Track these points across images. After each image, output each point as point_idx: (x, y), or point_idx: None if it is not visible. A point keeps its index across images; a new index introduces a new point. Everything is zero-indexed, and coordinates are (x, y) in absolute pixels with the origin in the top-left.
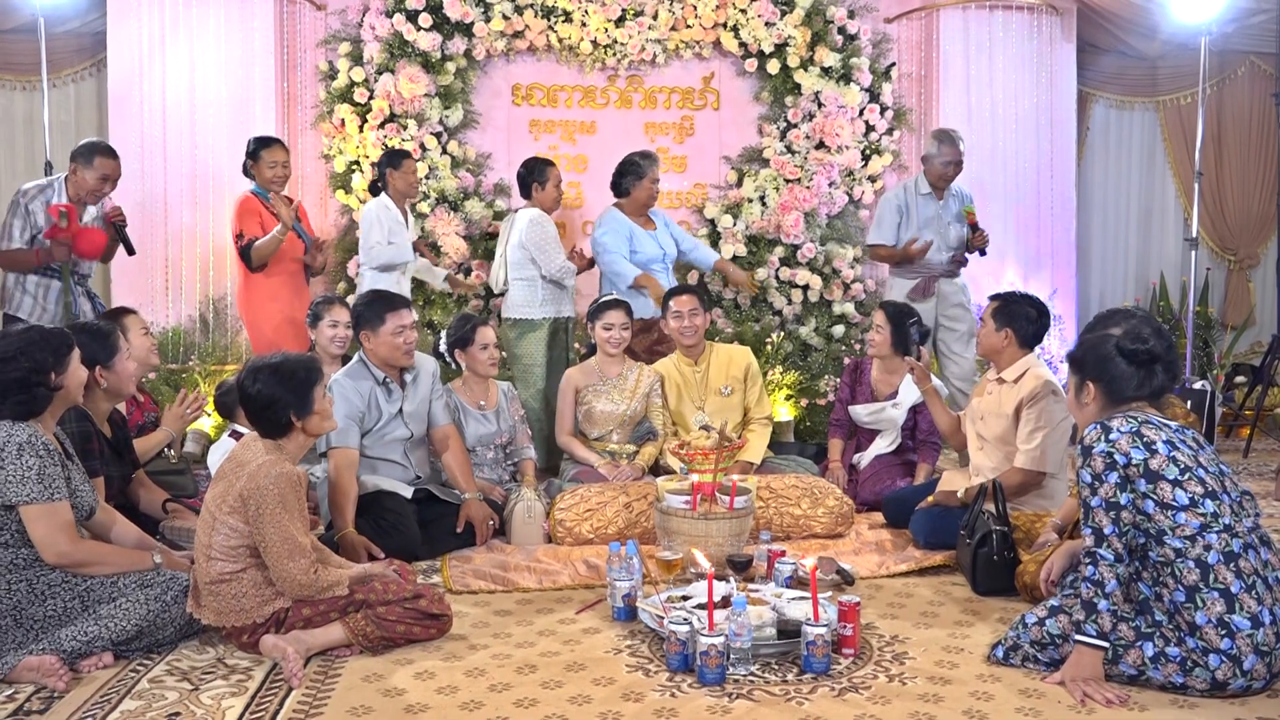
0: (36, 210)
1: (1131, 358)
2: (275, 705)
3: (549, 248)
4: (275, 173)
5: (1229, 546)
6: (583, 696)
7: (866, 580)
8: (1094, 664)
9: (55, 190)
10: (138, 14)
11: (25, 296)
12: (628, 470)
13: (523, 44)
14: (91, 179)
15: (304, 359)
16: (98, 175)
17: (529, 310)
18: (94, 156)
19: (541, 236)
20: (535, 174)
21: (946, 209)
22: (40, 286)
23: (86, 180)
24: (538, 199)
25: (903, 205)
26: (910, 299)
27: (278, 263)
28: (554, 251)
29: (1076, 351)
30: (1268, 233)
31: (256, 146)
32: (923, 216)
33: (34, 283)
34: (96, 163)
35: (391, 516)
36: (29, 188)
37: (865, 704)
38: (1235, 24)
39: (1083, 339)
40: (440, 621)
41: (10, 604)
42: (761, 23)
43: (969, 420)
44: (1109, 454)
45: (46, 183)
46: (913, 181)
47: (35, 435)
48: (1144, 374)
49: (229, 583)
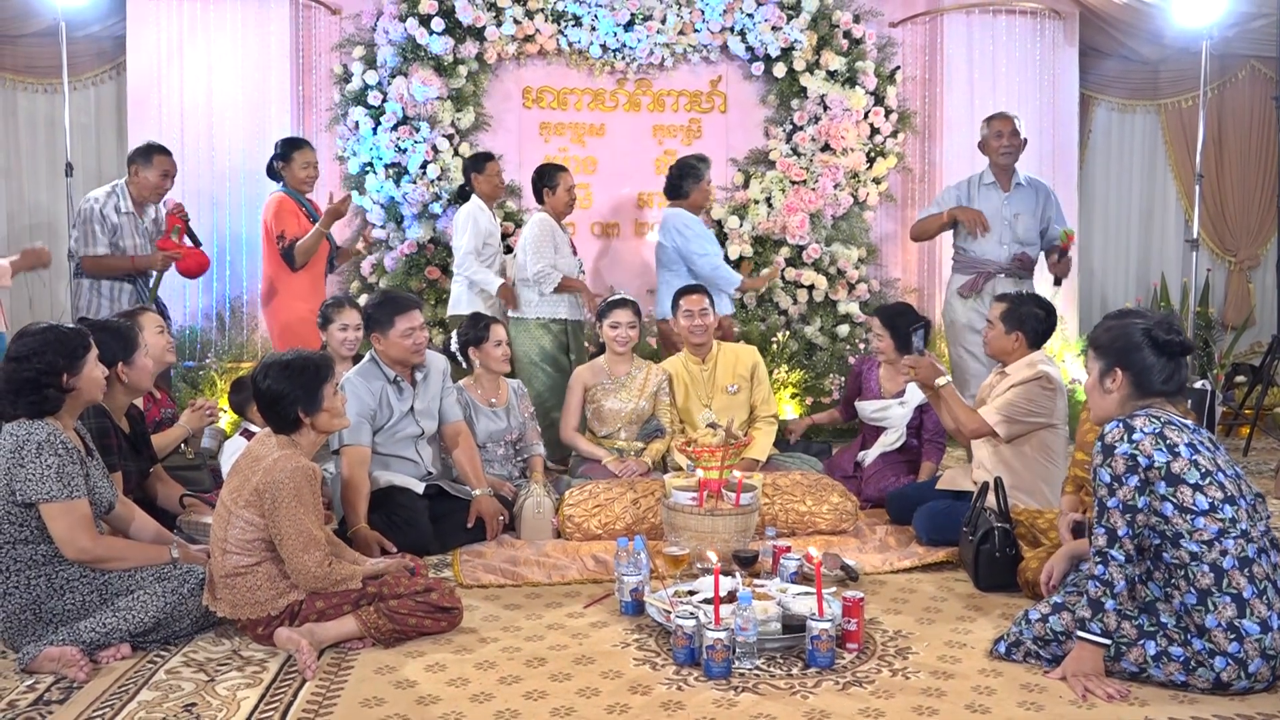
0: (110, 214)
1: (1164, 348)
2: (289, 696)
3: (536, 249)
4: (307, 173)
5: (1244, 551)
6: (591, 689)
7: (870, 576)
8: (1095, 660)
9: (119, 194)
10: (156, 18)
11: (102, 300)
12: (635, 466)
13: (533, 48)
14: (153, 177)
15: (316, 356)
16: (159, 173)
17: (525, 309)
18: (152, 155)
19: (534, 237)
20: (546, 179)
21: (1012, 201)
22: (116, 290)
23: (149, 179)
24: (549, 203)
25: (963, 195)
26: (960, 294)
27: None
28: (537, 255)
29: (1102, 336)
30: (1268, 234)
31: (288, 148)
32: (985, 207)
33: (109, 287)
34: (156, 161)
35: (403, 512)
36: (96, 195)
37: (869, 698)
38: (1236, 28)
39: (1108, 324)
40: (451, 615)
41: (30, 598)
42: (768, 27)
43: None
44: (1132, 456)
45: (110, 188)
46: (978, 174)
47: (54, 434)
48: (1173, 366)
49: (244, 576)
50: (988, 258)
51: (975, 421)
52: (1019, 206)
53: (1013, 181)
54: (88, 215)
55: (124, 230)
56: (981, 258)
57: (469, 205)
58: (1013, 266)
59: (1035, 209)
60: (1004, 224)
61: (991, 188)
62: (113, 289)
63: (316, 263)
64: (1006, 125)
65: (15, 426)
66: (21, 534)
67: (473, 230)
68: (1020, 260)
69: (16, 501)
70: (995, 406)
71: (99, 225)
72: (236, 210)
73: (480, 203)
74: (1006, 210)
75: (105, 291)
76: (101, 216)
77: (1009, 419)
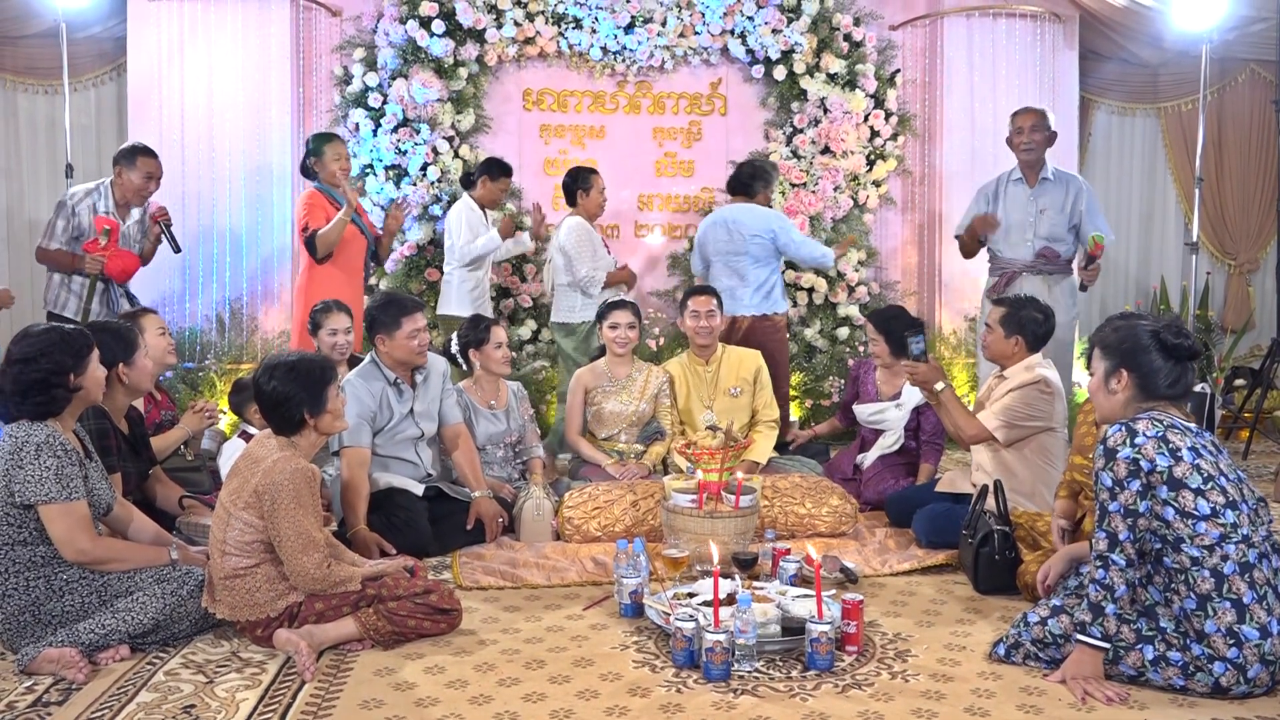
0: (82, 213)
1: (1171, 351)
2: (289, 698)
3: (580, 254)
4: (339, 165)
5: (1245, 557)
6: (590, 691)
7: (870, 578)
8: (1094, 663)
9: (102, 194)
10: (157, 20)
11: (71, 296)
12: (635, 469)
13: (534, 50)
14: (137, 179)
15: (319, 359)
16: (142, 175)
17: (569, 314)
18: (136, 157)
19: (576, 243)
20: (580, 181)
21: (1038, 197)
22: (84, 286)
23: (132, 181)
24: (582, 205)
25: (990, 193)
26: (988, 296)
27: (343, 255)
28: (581, 259)
29: (1109, 337)
30: (1267, 237)
31: (319, 143)
32: (1011, 205)
33: (79, 283)
34: (139, 163)
35: (403, 514)
36: (76, 191)
37: (868, 700)
38: (1236, 31)
39: (1115, 325)
40: (450, 617)
41: (29, 600)
42: (768, 29)
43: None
44: (1134, 460)
45: (93, 186)
46: (1008, 170)
47: (53, 435)
48: (1179, 370)
49: (243, 577)
50: (1012, 257)
51: (975, 427)
52: (1045, 202)
53: (1039, 177)
54: (58, 208)
55: (88, 233)
56: (1007, 257)
57: (461, 203)
58: (1037, 264)
59: (1063, 204)
60: (1028, 221)
61: (1018, 184)
62: (83, 285)
63: (352, 257)
64: (1026, 120)
65: (15, 428)
66: (20, 535)
67: (467, 225)
68: (1045, 256)
69: (15, 503)
70: (994, 411)
71: (63, 220)
72: (236, 212)
73: (471, 203)
74: (1031, 207)
75: (75, 288)
76: (73, 212)
77: (1008, 424)
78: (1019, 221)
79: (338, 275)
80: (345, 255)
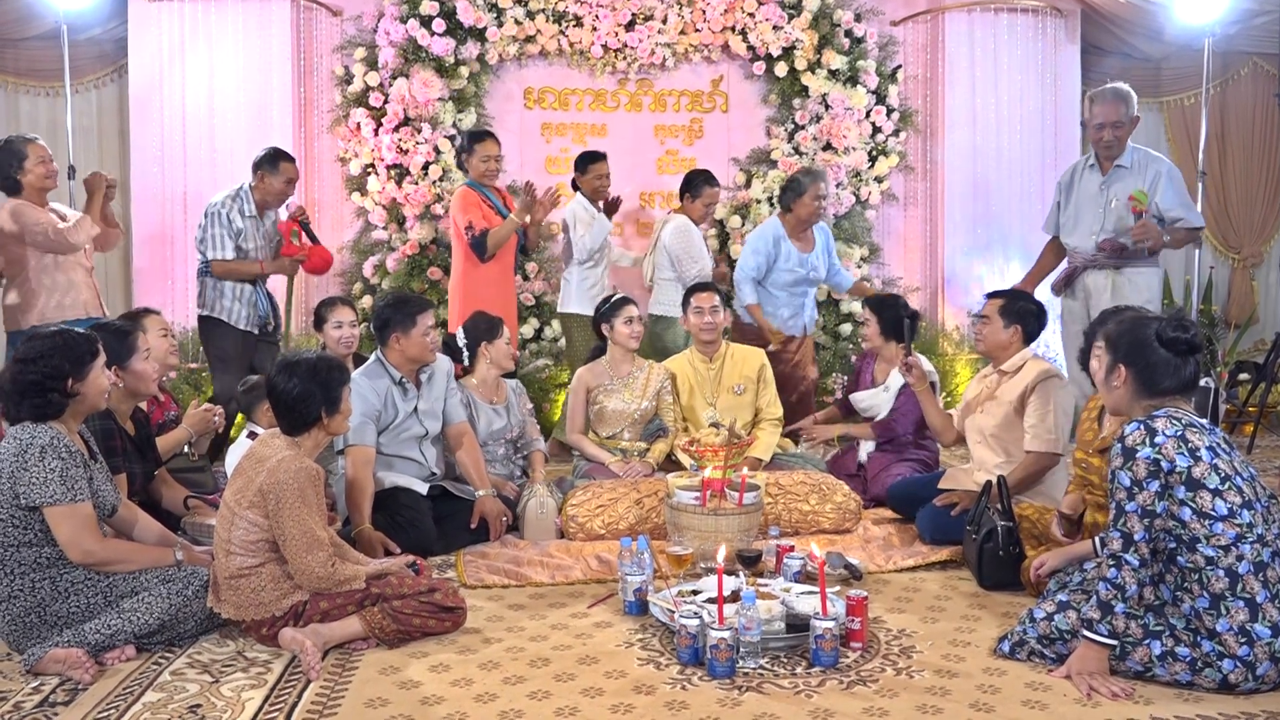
0: (235, 220)
1: (1172, 346)
2: (294, 697)
3: (688, 256)
4: (488, 165)
5: (1260, 556)
6: (595, 689)
7: (874, 575)
8: (1101, 659)
9: (243, 199)
10: (158, 21)
11: (236, 303)
12: (638, 467)
13: (534, 48)
14: (278, 184)
15: (334, 359)
16: (283, 179)
17: (669, 309)
18: (278, 162)
19: (684, 245)
20: (692, 188)
21: (1110, 186)
22: (254, 294)
23: (274, 185)
24: (687, 208)
25: (1065, 182)
26: (1053, 291)
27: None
28: (690, 261)
29: (1113, 330)
30: (1271, 231)
31: (470, 141)
32: (1083, 193)
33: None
34: (281, 168)
35: (407, 512)
36: (221, 198)
37: (873, 697)
38: (1238, 25)
39: (1119, 319)
40: (455, 615)
41: (35, 601)
42: (769, 26)
43: (962, 416)
44: (1154, 460)
45: (233, 192)
46: (1086, 155)
47: (58, 437)
48: (1179, 364)
49: (248, 577)
50: (1077, 248)
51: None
52: (1116, 191)
53: (1114, 164)
54: (213, 219)
55: (247, 234)
56: (1072, 250)
57: (574, 202)
58: (1099, 257)
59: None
60: (1098, 210)
61: (1092, 170)
62: (234, 289)
63: (506, 253)
64: (1101, 113)
65: (19, 430)
66: (25, 537)
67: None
68: (1108, 248)
69: (20, 505)
70: (1038, 435)
71: (225, 229)
72: None
73: (584, 200)
74: (1101, 197)
75: (242, 294)
76: (228, 221)
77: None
78: (1088, 213)
79: (496, 271)
80: (502, 250)
